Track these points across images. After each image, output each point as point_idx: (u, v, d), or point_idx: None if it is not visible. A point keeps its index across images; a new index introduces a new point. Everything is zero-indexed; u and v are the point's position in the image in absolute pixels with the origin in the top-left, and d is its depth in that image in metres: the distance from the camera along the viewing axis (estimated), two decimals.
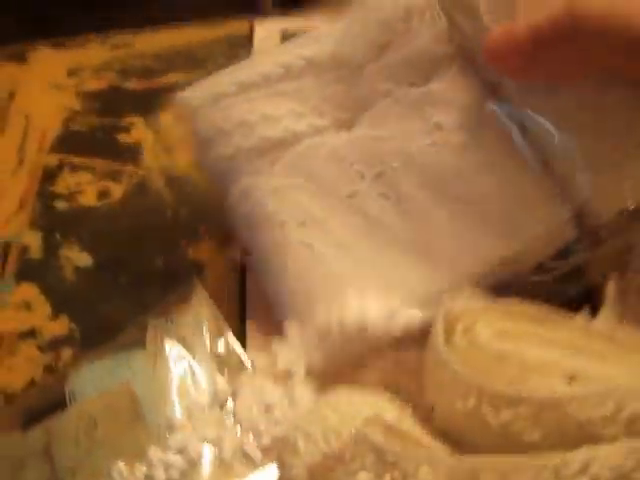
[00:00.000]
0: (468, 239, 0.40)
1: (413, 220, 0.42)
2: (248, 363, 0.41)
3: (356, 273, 0.42)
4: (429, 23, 0.45)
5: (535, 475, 0.28)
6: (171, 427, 0.39)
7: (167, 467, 0.37)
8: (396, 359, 0.39)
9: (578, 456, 0.28)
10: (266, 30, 0.70)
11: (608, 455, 0.28)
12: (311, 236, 0.43)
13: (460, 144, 0.41)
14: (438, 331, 0.34)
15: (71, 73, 0.68)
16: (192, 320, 0.43)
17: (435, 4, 0.45)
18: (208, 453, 0.38)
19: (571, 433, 0.30)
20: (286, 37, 0.67)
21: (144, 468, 0.37)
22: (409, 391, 0.36)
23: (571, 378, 0.33)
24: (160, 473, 0.37)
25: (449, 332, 0.35)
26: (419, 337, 0.37)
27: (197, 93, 0.49)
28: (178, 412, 0.39)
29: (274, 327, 0.42)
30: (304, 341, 0.40)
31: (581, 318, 0.37)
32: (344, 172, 0.44)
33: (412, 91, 0.44)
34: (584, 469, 0.28)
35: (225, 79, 0.49)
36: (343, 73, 0.47)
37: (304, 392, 0.38)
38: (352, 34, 0.47)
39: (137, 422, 0.39)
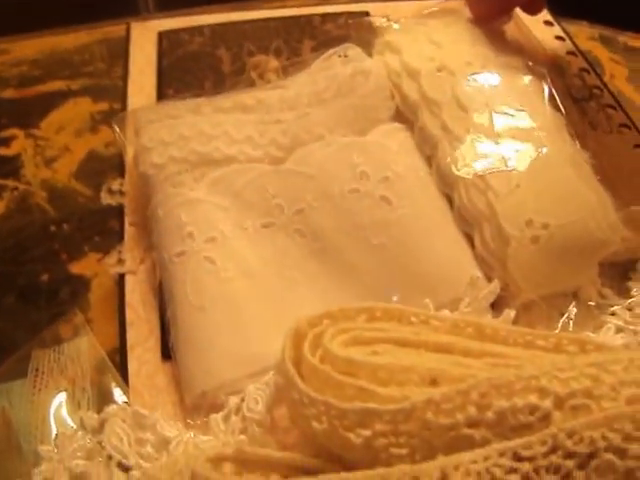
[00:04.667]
0: (385, 285, 0.44)
1: (326, 261, 0.45)
2: (123, 397, 0.42)
3: (254, 298, 0.44)
4: (373, 83, 0.51)
5: None
6: (39, 458, 0.38)
7: None
8: None
9: (432, 467, 0.29)
10: (143, 33, 0.69)
11: (472, 460, 0.29)
12: (216, 253, 0.45)
13: (383, 196, 0.46)
14: (285, 348, 0.34)
15: None
16: (74, 352, 0.43)
17: (381, 68, 0.52)
18: None
19: (438, 442, 0.30)
20: (163, 38, 0.68)
21: None
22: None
23: (433, 381, 0.33)
24: None
25: (299, 347, 0.35)
26: None
27: (151, 112, 0.51)
28: (49, 443, 0.39)
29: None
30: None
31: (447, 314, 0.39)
32: (264, 202, 0.47)
33: (344, 138, 0.48)
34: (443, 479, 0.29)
35: (180, 105, 0.52)
36: (285, 115, 0.50)
37: (176, 442, 0.38)
38: (300, 83, 0.52)
39: (11, 452, 0.39)
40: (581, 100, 0.61)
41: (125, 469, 0.37)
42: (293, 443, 0.35)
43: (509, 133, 0.48)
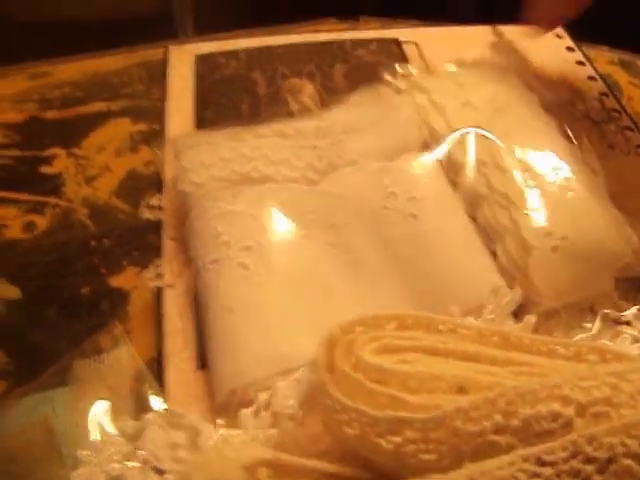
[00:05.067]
0: (412, 293, 0.46)
1: (357, 270, 0.48)
2: (161, 405, 0.43)
3: (284, 302, 0.46)
4: (403, 117, 0.55)
5: None
6: (78, 462, 0.40)
7: None
8: None
9: (460, 474, 0.30)
10: (181, 56, 0.72)
11: (498, 465, 0.30)
12: (250, 259, 0.47)
13: (410, 213, 0.49)
14: (319, 355, 0.36)
15: None
16: (115, 362, 0.45)
17: (410, 104, 0.56)
18: None
19: (465, 448, 0.32)
20: (200, 61, 0.70)
21: None
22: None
23: (460, 389, 0.34)
24: None
25: (332, 354, 0.36)
26: None
27: (191, 139, 0.55)
28: (89, 448, 0.40)
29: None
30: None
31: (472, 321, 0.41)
32: (299, 216, 0.49)
33: (375, 163, 0.52)
34: None
35: (219, 134, 0.55)
36: (320, 142, 0.53)
37: (208, 436, 0.40)
38: (335, 114, 0.57)
39: (53, 457, 0.41)
40: (600, 122, 0.64)
41: (160, 472, 0.39)
42: (325, 449, 0.37)
43: (530, 159, 0.51)
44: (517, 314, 0.46)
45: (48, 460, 0.41)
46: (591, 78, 0.70)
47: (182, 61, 0.71)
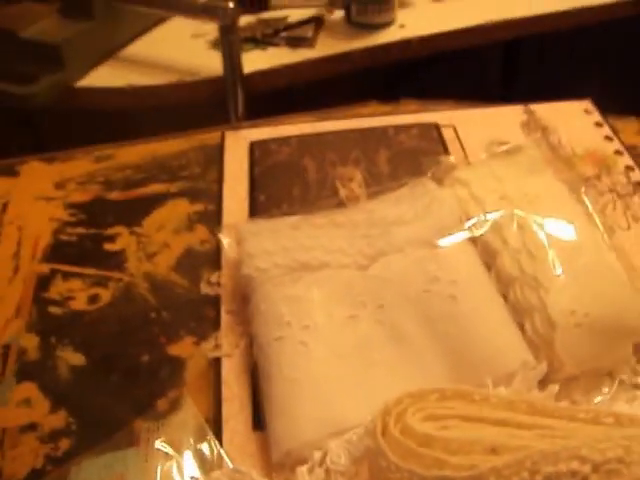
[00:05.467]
0: (450, 366, 0.51)
1: (401, 347, 0.53)
2: (226, 460, 0.48)
3: (337, 373, 0.51)
4: (446, 209, 0.60)
5: None
6: None
7: None
8: None
9: None
10: (236, 141, 0.78)
11: None
12: (309, 337, 0.52)
13: (450, 294, 0.53)
14: (376, 424, 0.41)
15: (58, 186, 0.75)
16: (179, 424, 0.50)
17: (453, 197, 0.62)
18: None
19: None
20: (254, 147, 0.75)
21: None
22: None
23: (493, 450, 0.39)
24: None
25: (386, 422, 0.41)
26: None
27: (253, 225, 0.62)
28: None
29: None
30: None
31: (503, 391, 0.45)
32: (351, 298, 0.55)
33: (421, 250, 0.57)
34: None
35: (279, 221, 0.61)
36: (371, 231, 0.59)
37: None
38: (384, 206, 0.62)
39: None
40: (625, 196, 0.68)
41: None
42: None
43: (557, 245, 0.55)
44: (541, 381, 0.50)
45: None
46: (618, 152, 0.75)
47: (237, 146, 0.77)
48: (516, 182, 0.62)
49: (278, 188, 0.70)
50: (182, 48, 1.17)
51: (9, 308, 0.63)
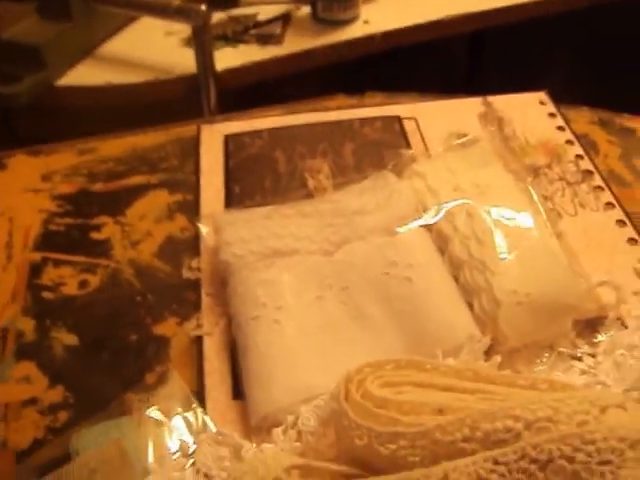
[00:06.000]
0: (406, 340, 0.57)
1: (363, 324, 0.59)
2: (210, 425, 0.53)
3: (307, 348, 0.57)
4: (404, 200, 0.66)
5: None
6: (147, 471, 0.50)
7: None
8: None
9: (438, 469, 0.40)
10: (211, 134, 0.82)
11: (465, 464, 0.40)
12: (282, 316, 0.58)
13: (407, 277, 0.59)
14: (340, 390, 0.46)
15: (45, 178, 0.79)
16: (167, 394, 0.55)
17: (410, 189, 0.67)
18: None
19: (442, 452, 0.42)
20: (228, 141, 0.80)
21: None
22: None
23: (440, 411, 0.44)
24: None
25: (348, 388, 0.46)
26: None
27: (229, 216, 0.66)
28: (154, 460, 0.51)
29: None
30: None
31: (451, 361, 0.51)
32: (318, 281, 0.61)
33: (381, 237, 0.63)
34: (445, 477, 0.40)
35: (252, 212, 0.66)
36: (336, 221, 0.64)
37: (247, 449, 0.50)
38: (348, 197, 0.67)
39: (125, 468, 0.51)
40: (574, 183, 0.73)
41: (209, 478, 0.49)
42: (337, 455, 0.47)
43: (503, 231, 0.61)
44: (487, 352, 0.56)
45: (122, 472, 0.51)
46: (569, 142, 0.79)
47: (212, 139, 0.81)
48: (468, 174, 0.67)
49: (251, 180, 0.75)
50: (156, 46, 1.21)
51: (5, 294, 0.66)
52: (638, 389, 0.50)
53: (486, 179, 0.66)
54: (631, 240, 0.68)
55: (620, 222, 0.70)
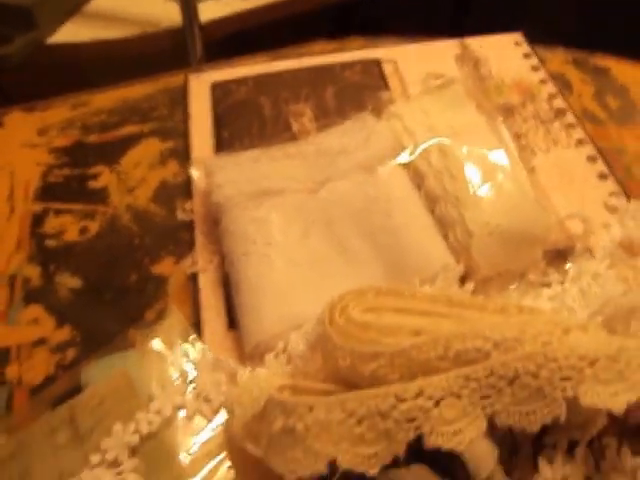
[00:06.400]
0: (386, 270, 0.61)
1: (346, 256, 0.62)
2: (208, 354, 0.57)
3: (295, 279, 0.60)
4: (383, 140, 0.69)
5: (382, 399, 0.42)
6: (151, 397, 0.54)
7: (149, 423, 0.53)
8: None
9: (415, 385, 0.42)
10: (198, 83, 0.84)
11: (439, 380, 0.43)
12: (271, 251, 0.61)
13: (386, 211, 0.63)
14: (325, 316, 0.49)
15: (41, 132, 0.81)
16: (167, 328, 0.59)
17: (388, 130, 0.70)
18: (176, 413, 0.54)
19: (418, 370, 0.44)
20: (215, 88, 0.82)
21: (133, 425, 0.53)
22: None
23: (416, 333, 0.47)
24: (144, 427, 0.53)
25: (332, 314, 0.49)
26: None
27: (220, 160, 0.69)
28: (158, 387, 0.55)
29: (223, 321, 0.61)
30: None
31: (427, 288, 0.55)
32: (304, 218, 0.64)
33: (362, 176, 0.66)
34: (420, 392, 0.42)
35: (242, 155, 0.68)
36: (319, 161, 0.67)
37: (242, 374, 0.54)
38: (331, 139, 0.70)
39: (131, 396, 0.54)
40: (547, 122, 0.76)
41: (208, 401, 0.54)
42: (324, 376, 0.51)
43: (475, 167, 0.64)
44: (462, 280, 0.59)
45: (128, 400, 0.54)
46: (542, 81, 0.82)
47: (200, 88, 0.83)
48: (443, 115, 0.70)
49: (239, 125, 0.77)
50: (142, 1, 1.23)
51: (10, 244, 0.69)
52: (601, 314, 0.53)
53: (460, 120, 0.69)
54: (602, 175, 0.71)
55: (591, 158, 0.72)
